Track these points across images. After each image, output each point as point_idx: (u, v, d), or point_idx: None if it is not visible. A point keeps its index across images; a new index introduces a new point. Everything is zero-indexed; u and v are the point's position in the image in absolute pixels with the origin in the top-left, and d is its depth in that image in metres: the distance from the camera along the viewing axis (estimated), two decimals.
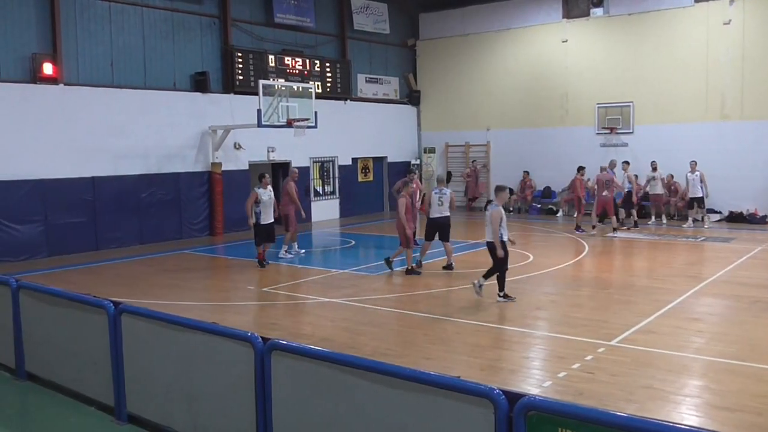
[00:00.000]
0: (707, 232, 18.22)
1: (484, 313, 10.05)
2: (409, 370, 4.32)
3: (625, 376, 7.20)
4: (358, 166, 24.65)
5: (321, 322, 9.99)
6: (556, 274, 12.99)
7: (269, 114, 17.33)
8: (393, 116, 25.81)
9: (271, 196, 14.12)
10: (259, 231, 14.01)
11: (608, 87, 22.13)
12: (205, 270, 14.66)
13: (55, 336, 7.14)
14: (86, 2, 16.96)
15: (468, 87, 25.30)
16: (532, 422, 3.58)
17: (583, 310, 10.33)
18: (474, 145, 25.44)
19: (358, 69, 24.55)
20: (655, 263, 14.03)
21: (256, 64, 20.55)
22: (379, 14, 24.96)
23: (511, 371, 7.52)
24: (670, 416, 6.09)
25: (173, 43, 18.83)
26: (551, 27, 23.27)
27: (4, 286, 7.69)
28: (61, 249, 16.09)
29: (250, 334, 5.17)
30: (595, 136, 22.42)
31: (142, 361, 6.10)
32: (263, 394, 4.98)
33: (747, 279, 12.05)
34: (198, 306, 10.80)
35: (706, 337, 8.61)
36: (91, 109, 16.82)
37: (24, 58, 15.85)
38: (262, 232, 14.02)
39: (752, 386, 6.86)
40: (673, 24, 20.97)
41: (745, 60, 19.81)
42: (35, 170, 15.81)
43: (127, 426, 6.19)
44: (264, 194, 13.93)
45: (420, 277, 12.84)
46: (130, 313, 6.23)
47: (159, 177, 18.21)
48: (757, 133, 19.69)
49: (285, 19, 21.57)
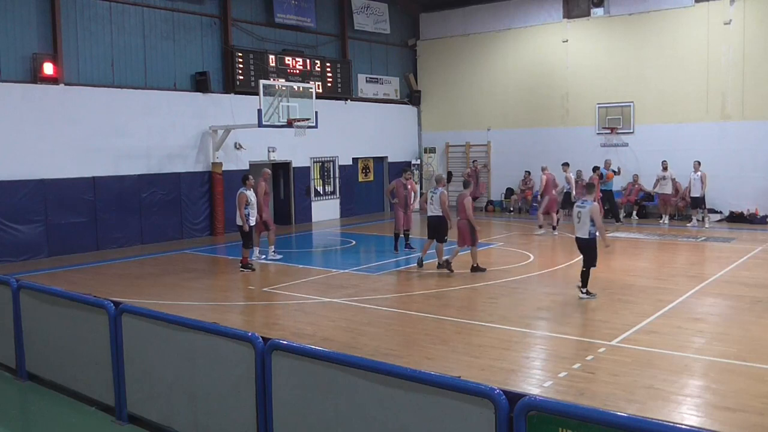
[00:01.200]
0: (708, 232, 18.22)
1: (485, 313, 10.05)
2: (410, 370, 4.32)
3: (626, 376, 7.20)
4: (359, 166, 24.65)
5: (321, 322, 9.99)
6: (557, 273, 12.98)
7: (270, 114, 17.33)
8: (393, 116, 25.81)
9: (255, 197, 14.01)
10: (248, 234, 13.83)
11: (609, 87, 22.13)
12: (205, 270, 14.67)
13: (55, 336, 7.14)
14: (87, 2, 16.96)
15: (468, 87, 25.29)
16: (533, 422, 3.58)
17: (584, 310, 10.33)
18: (474, 145, 25.44)
19: (359, 69, 24.55)
20: (656, 263, 14.03)
21: (257, 64, 20.55)
22: (379, 14, 24.95)
23: (511, 371, 7.51)
24: (671, 416, 6.09)
25: (174, 43, 18.84)
26: (552, 27, 23.27)
27: (5, 286, 7.70)
28: (61, 249, 16.09)
29: (251, 334, 5.17)
30: (596, 136, 22.42)
31: (142, 361, 6.10)
32: (264, 394, 4.98)
33: (748, 279, 12.04)
34: (198, 306, 10.80)
35: (707, 337, 8.60)
36: (91, 109, 16.83)
37: (25, 58, 15.86)
38: (251, 234, 13.89)
39: (753, 386, 6.85)
40: (673, 24, 20.97)
41: (745, 60, 19.80)
42: (36, 170, 15.81)
43: (128, 426, 6.19)
44: (252, 196, 13.81)
45: (420, 277, 12.84)
46: (131, 313, 6.23)
47: (159, 177, 18.21)
48: (757, 133, 19.68)
49: (285, 19, 21.58)
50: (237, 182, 19.75)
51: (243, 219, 13.63)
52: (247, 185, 13.85)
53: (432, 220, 13.43)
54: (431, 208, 13.42)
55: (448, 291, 11.57)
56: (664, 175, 19.77)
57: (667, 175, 19.76)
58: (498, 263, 14.15)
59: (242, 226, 13.69)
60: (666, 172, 19.76)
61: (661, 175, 19.86)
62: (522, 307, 10.46)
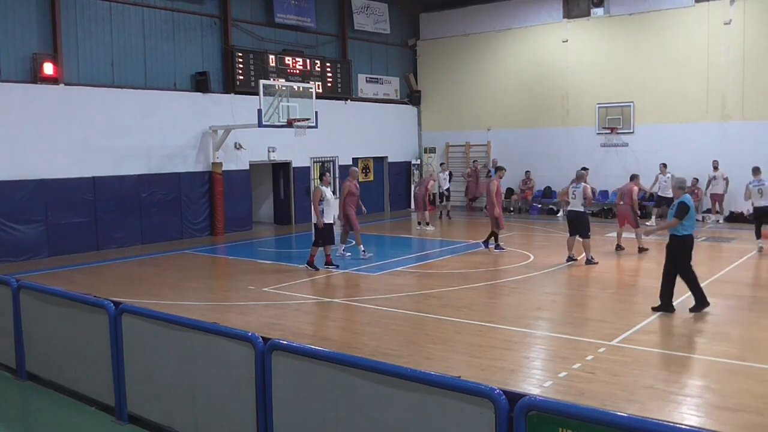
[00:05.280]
0: (708, 232, 18.22)
1: (485, 313, 10.04)
2: (410, 370, 4.32)
3: (626, 376, 7.20)
4: (359, 166, 24.63)
5: (321, 322, 9.99)
6: (557, 273, 12.98)
7: (270, 114, 17.33)
8: (393, 116, 25.81)
9: (332, 194, 13.71)
10: (321, 232, 13.45)
11: (609, 87, 22.12)
12: (205, 270, 14.67)
13: (56, 336, 7.14)
14: (87, 2, 16.96)
15: (468, 87, 25.29)
16: (533, 422, 3.57)
17: (584, 309, 10.33)
18: (474, 145, 25.44)
19: (359, 69, 24.55)
20: (656, 263, 14.01)
21: (257, 64, 20.55)
22: (379, 14, 24.95)
23: (511, 371, 7.51)
24: (671, 416, 6.09)
25: (174, 43, 18.83)
26: (552, 27, 23.26)
27: (5, 286, 7.69)
28: (62, 249, 16.09)
29: (251, 334, 5.17)
30: (596, 136, 22.42)
31: (142, 361, 6.10)
32: (264, 394, 4.98)
33: (748, 279, 12.04)
34: (199, 306, 10.80)
35: (707, 337, 8.60)
36: (91, 109, 16.82)
37: (25, 58, 15.86)
38: (323, 232, 13.46)
39: (753, 386, 6.85)
40: (673, 24, 20.96)
41: (745, 60, 19.79)
42: (36, 170, 15.81)
43: (128, 426, 6.19)
44: (327, 192, 13.47)
45: (420, 277, 12.85)
46: (131, 313, 6.23)
47: (160, 177, 18.21)
48: (757, 133, 19.67)
49: (285, 19, 21.57)
50: (237, 182, 19.94)
51: (318, 215, 13.31)
52: (324, 182, 13.69)
53: (571, 215, 13.62)
54: (573, 203, 13.56)
55: (448, 291, 11.57)
56: (715, 174, 19.58)
57: (718, 175, 19.60)
58: (498, 263, 14.15)
59: (317, 223, 13.37)
60: (717, 171, 19.54)
61: (711, 174, 19.72)
62: (522, 307, 10.46)
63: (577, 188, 13.54)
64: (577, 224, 13.60)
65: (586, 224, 13.59)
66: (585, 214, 13.68)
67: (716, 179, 19.70)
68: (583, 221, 13.58)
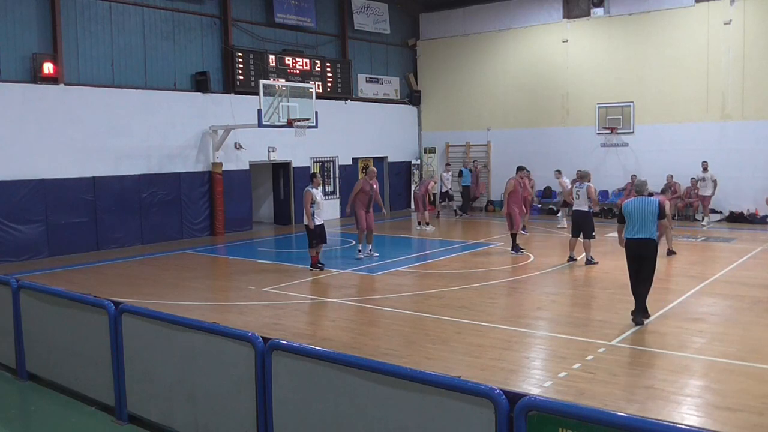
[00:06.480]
0: (708, 232, 18.22)
1: (484, 313, 10.04)
2: (410, 370, 4.31)
3: (626, 376, 7.20)
4: (359, 166, 24.64)
5: (321, 322, 9.99)
6: (557, 273, 12.98)
7: (270, 114, 17.33)
8: (393, 116, 25.81)
9: (322, 195, 13.70)
10: (312, 233, 13.49)
11: (609, 87, 22.12)
12: (205, 270, 14.66)
13: (55, 336, 7.13)
14: (87, 2, 16.96)
15: (469, 87, 25.29)
16: (533, 422, 3.57)
17: (584, 309, 10.33)
18: (474, 145, 25.44)
19: (359, 69, 24.55)
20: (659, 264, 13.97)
21: (257, 64, 20.55)
22: (379, 14, 24.95)
23: (511, 371, 7.51)
24: (671, 416, 6.09)
25: (174, 43, 18.84)
26: (552, 27, 23.26)
27: (5, 286, 7.69)
28: (62, 249, 16.10)
29: (251, 334, 5.16)
30: (596, 136, 22.42)
31: (142, 361, 6.10)
32: (264, 394, 4.98)
33: (748, 279, 12.04)
34: (199, 306, 10.80)
35: (707, 337, 8.59)
36: (91, 109, 16.83)
37: (25, 58, 15.86)
38: (316, 232, 13.50)
39: (753, 386, 6.85)
40: (673, 24, 20.96)
41: (745, 60, 19.80)
42: (36, 170, 15.81)
43: (128, 426, 6.19)
44: (318, 194, 13.49)
45: (420, 277, 12.85)
46: (131, 313, 6.22)
47: (160, 177, 18.21)
48: (757, 133, 19.68)
49: (285, 19, 21.58)
50: (237, 182, 19.94)
51: (309, 217, 13.30)
52: (314, 183, 13.62)
53: (577, 216, 13.59)
54: (577, 203, 13.54)
55: (448, 291, 11.57)
56: (704, 176, 19.49)
57: (707, 177, 19.51)
58: (498, 263, 14.15)
59: (308, 225, 13.36)
60: (706, 173, 19.47)
61: (700, 176, 19.66)
62: (522, 307, 10.46)
63: (581, 188, 13.52)
64: (582, 225, 13.59)
65: (590, 225, 13.57)
66: (590, 215, 13.65)
67: (705, 181, 19.63)
68: (589, 222, 13.55)
